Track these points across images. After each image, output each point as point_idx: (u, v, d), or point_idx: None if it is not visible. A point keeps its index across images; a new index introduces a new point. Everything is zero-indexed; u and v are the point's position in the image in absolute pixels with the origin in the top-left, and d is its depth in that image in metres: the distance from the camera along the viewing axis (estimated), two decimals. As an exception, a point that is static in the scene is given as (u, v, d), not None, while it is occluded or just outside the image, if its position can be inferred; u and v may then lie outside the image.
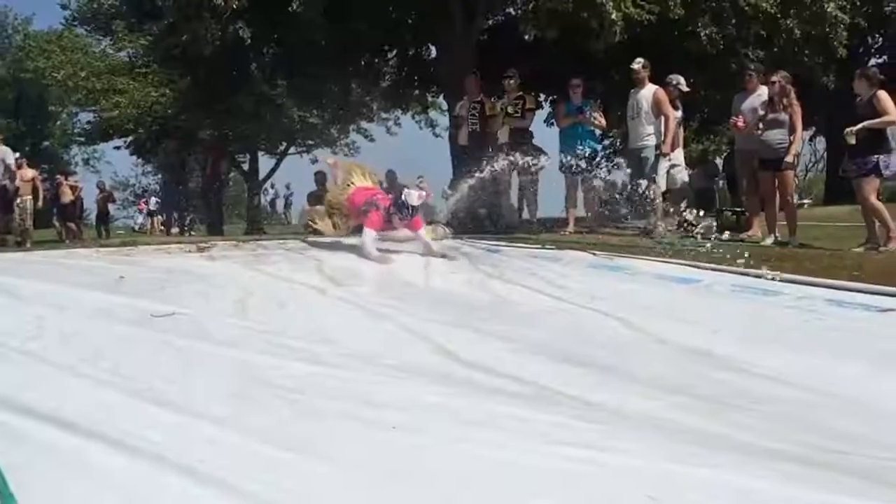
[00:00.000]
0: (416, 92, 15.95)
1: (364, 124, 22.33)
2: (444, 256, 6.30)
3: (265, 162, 22.79)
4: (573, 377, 3.02)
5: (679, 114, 9.73)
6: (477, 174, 8.13)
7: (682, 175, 10.20)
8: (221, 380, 2.78)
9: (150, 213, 22.69)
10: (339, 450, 2.13)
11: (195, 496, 1.83)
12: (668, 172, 9.21)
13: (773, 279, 5.20)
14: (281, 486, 1.89)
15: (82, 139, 23.58)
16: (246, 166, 21.24)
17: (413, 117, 19.35)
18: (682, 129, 9.96)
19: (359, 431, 2.28)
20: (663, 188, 9.26)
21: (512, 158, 8.63)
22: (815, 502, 1.85)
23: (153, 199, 22.50)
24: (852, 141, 7.32)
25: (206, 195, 14.06)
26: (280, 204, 29.29)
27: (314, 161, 24.26)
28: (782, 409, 2.83)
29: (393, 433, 2.26)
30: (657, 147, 8.97)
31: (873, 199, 7.28)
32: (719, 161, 17.24)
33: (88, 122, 21.90)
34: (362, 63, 14.38)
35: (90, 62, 18.81)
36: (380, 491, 1.89)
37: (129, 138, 20.34)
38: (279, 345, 3.39)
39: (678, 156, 9.89)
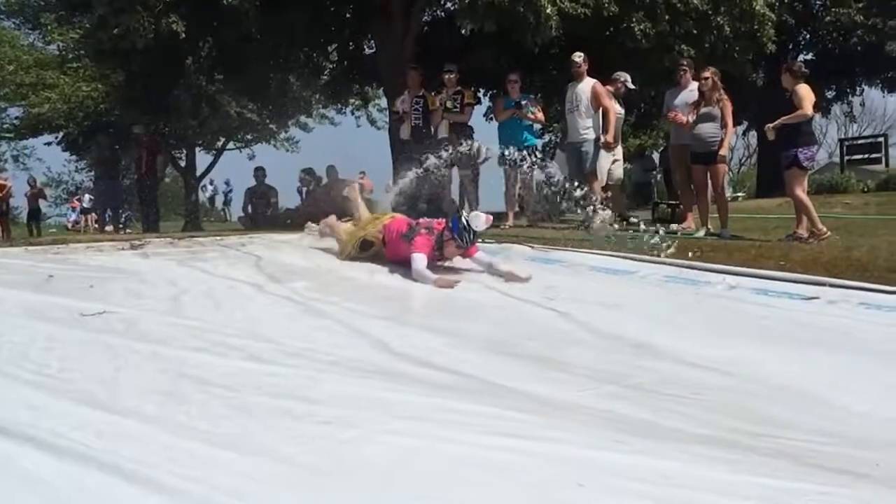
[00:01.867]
0: (356, 87, 15.87)
1: (303, 118, 22.12)
2: (509, 276, 5.24)
3: (203, 158, 22.46)
4: (509, 369, 3.06)
5: (622, 110, 9.91)
6: (417, 168, 8.14)
7: (619, 170, 10.41)
8: (152, 378, 2.73)
9: (84, 211, 22.10)
10: (271, 445, 2.12)
11: (123, 495, 1.80)
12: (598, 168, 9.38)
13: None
14: (211, 483, 1.87)
15: (10, 135, 22.86)
16: (183, 162, 20.87)
17: (352, 112, 19.27)
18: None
19: (292, 427, 2.27)
20: (605, 182, 9.42)
21: (452, 152, 8.67)
22: (738, 484, 1.91)
23: (86, 196, 21.90)
24: (772, 136, 7.59)
25: (142, 192, 13.75)
26: (219, 200, 28.81)
27: (252, 157, 24.03)
28: (711, 396, 2.92)
29: (327, 428, 2.26)
30: (596, 141, 9.11)
31: (798, 191, 7.52)
32: (656, 155, 17.63)
33: (17, 118, 21.31)
34: (301, 57, 14.25)
35: (18, 56, 18.28)
36: (312, 485, 1.89)
37: (61, 134, 19.83)
38: (213, 342, 3.34)
39: (618, 151, 10.09)
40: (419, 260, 5.22)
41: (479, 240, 6.65)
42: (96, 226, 15.80)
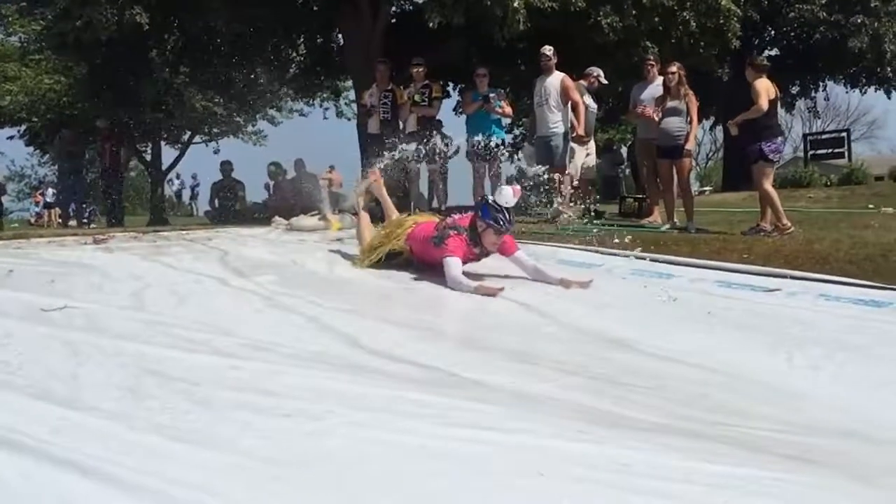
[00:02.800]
0: (324, 80, 15.79)
1: (271, 112, 21.95)
2: (564, 283, 4.80)
3: (169, 151, 22.20)
4: (473, 361, 3.08)
5: (595, 105, 9.97)
6: (386, 162, 8.12)
7: (592, 164, 10.48)
8: (113, 373, 2.70)
9: (47, 205, 21.71)
10: (232, 439, 2.11)
11: (81, 490, 1.78)
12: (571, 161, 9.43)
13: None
14: (171, 478, 1.86)
15: (-29, 129, 22.41)
16: (148, 156, 20.61)
17: (321, 104, 19.15)
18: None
19: (254, 420, 2.26)
20: (578, 175, 9.47)
21: (420, 146, 8.66)
22: (696, 471, 1.93)
23: (50, 191, 21.52)
24: (735, 132, 7.71)
25: (106, 186, 13.55)
26: (186, 195, 28.52)
27: (217, 151, 23.79)
28: (672, 387, 2.95)
29: (289, 421, 2.25)
30: (565, 135, 9.15)
31: (766, 184, 7.63)
32: (624, 150, 17.78)
33: (-22, 112, 20.90)
34: (268, 50, 14.15)
35: (-22, 48, 17.90)
36: (272, 478, 1.89)
37: (23, 127, 19.48)
38: (177, 336, 3.31)
39: (590, 145, 10.14)
40: (453, 265, 4.72)
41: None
42: (60, 220, 15.54)
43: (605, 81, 10.00)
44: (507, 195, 4.89)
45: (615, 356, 3.38)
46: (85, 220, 13.91)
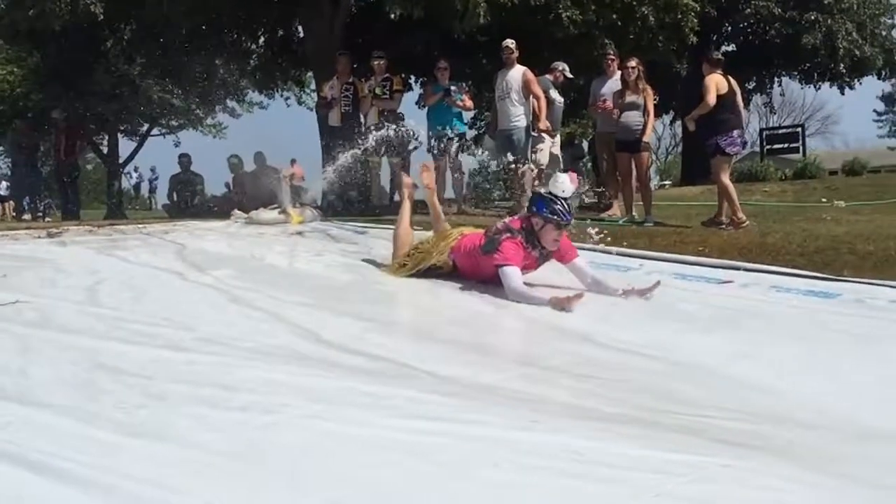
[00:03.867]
0: (285, 73, 15.65)
1: (231, 104, 21.72)
2: (630, 293, 4.32)
3: (127, 144, 21.85)
4: (431, 353, 3.09)
5: (560, 98, 10.03)
6: (347, 155, 8.09)
7: (558, 156, 10.55)
8: (66, 368, 2.67)
9: (1, 199, 21.27)
10: (186, 433, 2.09)
11: (30, 486, 1.76)
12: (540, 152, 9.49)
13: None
14: (124, 472, 1.84)
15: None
16: (105, 148, 20.27)
17: (282, 94, 18.95)
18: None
19: (208, 414, 2.25)
20: (545, 164, 9.52)
21: (381, 139, 8.65)
22: (647, 459, 1.97)
23: (3, 184, 21.07)
24: (692, 127, 7.85)
25: (61, 178, 13.31)
26: (145, 188, 28.09)
27: (178, 143, 23.48)
28: (627, 377, 3.00)
29: (243, 414, 2.24)
30: (527, 129, 9.20)
31: (723, 178, 7.76)
32: (585, 144, 17.92)
33: (-73, 103, 20.35)
34: (227, 41, 13.98)
35: (-73, 37, 17.39)
36: (226, 471, 1.88)
37: (-25, 119, 19.02)
38: (131, 331, 3.28)
39: (556, 139, 10.21)
40: (512, 274, 4.19)
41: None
42: (14, 214, 15.21)
43: (571, 75, 10.07)
44: (564, 183, 4.43)
45: (572, 348, 3.42)
46: (40, 214, 13.63)
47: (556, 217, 4.37)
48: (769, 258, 5.42)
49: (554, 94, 9.63)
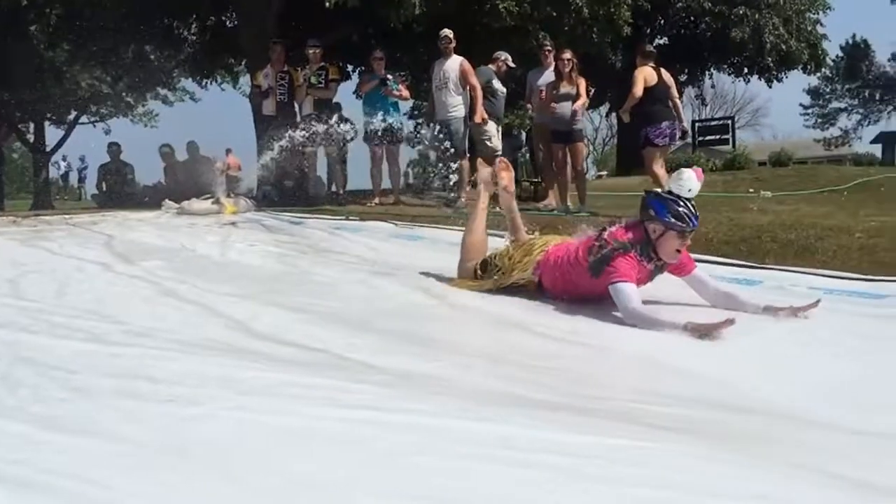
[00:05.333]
0: (219, 60, 15.37)
1: (164, 92, 21.22)
2: (773, 310, 3.71)
3: (54, 132, 21.16)
4: (362, 343, 3.08)
5: (503, 89, 10.07)
6: (283, 145, 8.01)
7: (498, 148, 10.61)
8: (-17, 362, 2.58)
9: (-81, 189, 20.39)
10: (110, 426, 2.05)
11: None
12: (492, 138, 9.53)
13: None
14: (44, 467, 1.79)
15: None
16: (31, 136, 19.59)
17: (216, 82, 18.60)
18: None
19: (134, 406, 2.21)
20: (500, 148, 9.56)
21: (317, 129, 8.59)
22: (572, 444, 2.00)
23: (-79, 173, 20.23)
24: (626, 119, 8.01)
25: (-16, 168, 12.88)
26: (73, 177, 27.29)
27: (108, 132, 22.86)
28: (558, 364, 3.04)
29: (169, 406, 2.20)
30: (465, 119, 9.23)
31: (654, 168, 7.95)
32: (523, 134, 18.07)
33: None
34: (159, 28, 13.66)
35: None
36: (151, 463, 1.85)
37: None
38: (55, 324, 3.19)
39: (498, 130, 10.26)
40: (629, 293, 3.61)
41: (345, 216, 6.60)
42: (-66, 205, 14.62)
43: (513, 65, 10.14)
44: (690, 181, 3.75)
45: (506, 336, 3.46)
46: (-39, 205, 13.13)
47: (680, 223, 3.68)
48: (697, 247, 5.55)
49: (497, 84, 9.69)
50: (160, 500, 1.67)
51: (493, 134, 9.51)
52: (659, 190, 3.96)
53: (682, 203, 3.70)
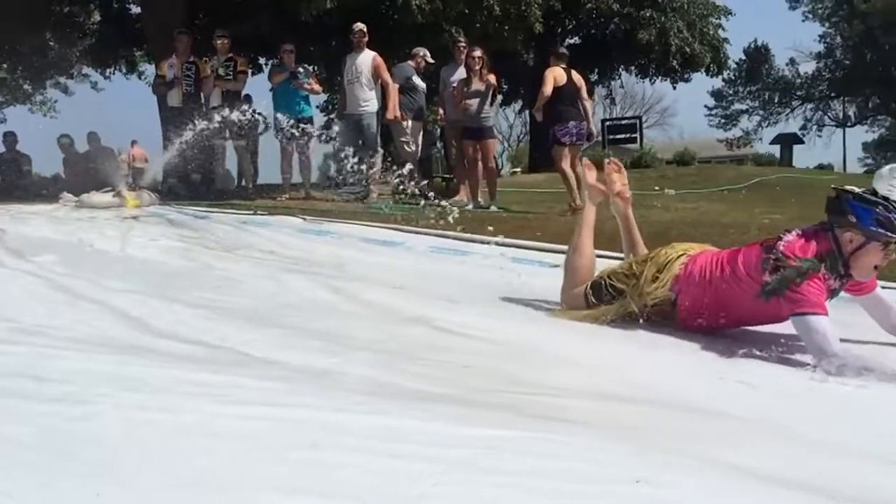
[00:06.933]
0: (122, 49, 14.91)
1: (64, 80, 20.41)
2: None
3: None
4: (265, 339, 3.06)
5: (423, 85, 10.09)
6: (188, 137, 7.84)
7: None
8: None
9: None
10: (-10, 427, 1.98)
11: None
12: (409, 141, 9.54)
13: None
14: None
15: None
16: (-81, 126, 18.54)
17: (121, 70, 18.00)
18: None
19: (18, 406, 2.13)
20: (419, 153, 9.56)
21: (225, 121, 8.43)
22: (465, 436, 2.04)
23: None
24: (539, 118, 8.18)
25: None
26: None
27: (3, 120, 21.84)
28: (457, 359, 3.07)
29: (56, 405, 2.14)
30: (378, 114, 9.22)
31: (563, 165, 8.12)
32: (437, 130, 18.15)
33: None
34: (59, 14, 13.15)
35: None
36: (35, 463, 1.80)
37: None
38: (-66, 323, 3.05)
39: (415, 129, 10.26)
40: (824, 328, 2.90)
41: (253, 211, 6.51)
42: None
43: (432, 61, 10.18)
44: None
45: (408, 331, 3.48)
46: None
47: (889, 233, 2.99)
48: (602, 243, 5.70)
49: (417, 80, 9.72)
50: (39, 501, 1.63)
51: (414, 135, 9.53)
52: (858, 190, 3.11)
53: (892, 207, 2.99)
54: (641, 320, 3.45)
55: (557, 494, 1.66)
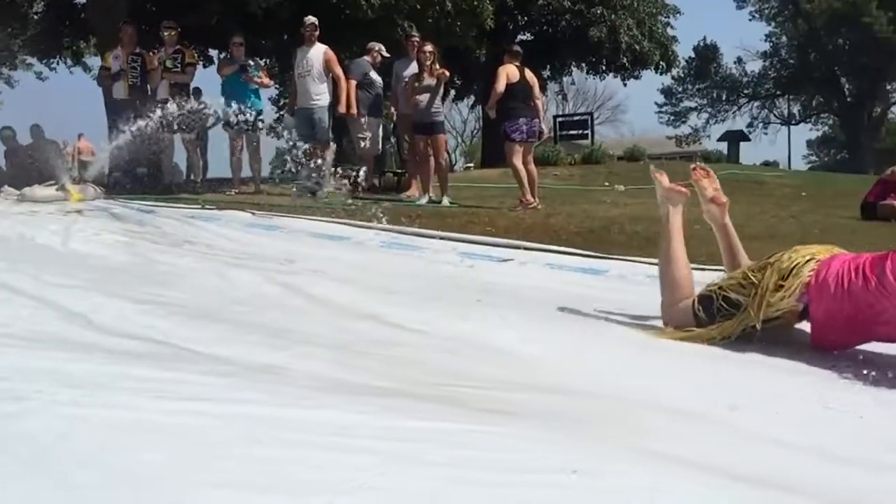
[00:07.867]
0: (67, 39, 14.56)
1: (6, 70, 19.88)
2: None
3: None
4: (202, 334, 3.02)
5: (380, 79, 10.04)
6: (134, 130, 7.70)
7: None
8: None
9: None
10: (-81, 427, 1.92)
11: None
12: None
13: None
14: None
15: None
16: None
17: (65, 62, 17.58)
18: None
19: (-53, 406, 2.08)
20: (368, 146, 9.51)
21: (172, 114, 8.30)
22: (406, 429, 2.05)
23: None
24: (492, 115, 8.24)
25: None
26: None
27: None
28: (403, 353, 3.08)
29: (-12, 404, 2.09)
30: (330, 108, 9.17)
31: (514, 161, 8.20)
32: (391, 124, 18.10)
33: None
34: (3, 3, 12.79)
35: None
36: (-36, 465, 1.76)
37: None
38: None
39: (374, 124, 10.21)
40: None
41: (201, 205, 6.42)
42: None
43: (388, 55, 10.16)
44: None
45: (356, 326, 3.47)
46: None
47: None
48: (549, 238, 5.78)
49: (374, 75, 9.70)
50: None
51: (372, 131, 9.51)
52: None
53: None
54: (758, 334, 3.01)
55: (498, 485, 1.68)
